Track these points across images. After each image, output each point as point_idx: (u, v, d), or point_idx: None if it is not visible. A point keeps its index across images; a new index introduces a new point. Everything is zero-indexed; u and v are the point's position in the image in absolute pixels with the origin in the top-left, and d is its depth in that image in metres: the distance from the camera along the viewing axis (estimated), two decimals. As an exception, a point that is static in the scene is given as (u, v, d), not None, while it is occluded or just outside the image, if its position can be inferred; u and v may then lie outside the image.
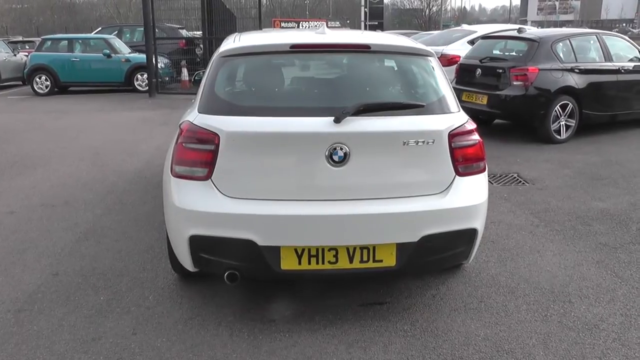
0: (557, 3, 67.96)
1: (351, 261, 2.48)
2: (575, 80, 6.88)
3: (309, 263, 2.46)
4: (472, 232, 2.64)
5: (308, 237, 2.43)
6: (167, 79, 12.18)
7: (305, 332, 2.59)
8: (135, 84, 12.11)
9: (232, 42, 2.83)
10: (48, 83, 12.11)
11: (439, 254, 2.61)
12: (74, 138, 7.57)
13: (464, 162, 2.62)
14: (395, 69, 2.77)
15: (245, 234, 2.40)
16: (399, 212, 2.47)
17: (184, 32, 14.76)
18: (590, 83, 6.99)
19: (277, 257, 2.44)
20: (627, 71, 7.36)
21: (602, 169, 5.76)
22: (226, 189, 2.46)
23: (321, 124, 2.43)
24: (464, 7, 70.89)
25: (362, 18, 57.76)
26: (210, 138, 2.44)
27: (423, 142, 2.51)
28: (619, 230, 4.03)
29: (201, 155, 2.47)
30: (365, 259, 2.49)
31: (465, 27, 10.94)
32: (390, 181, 2.52)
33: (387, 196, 2.51)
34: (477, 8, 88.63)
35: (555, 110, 6.82)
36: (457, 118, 2.67)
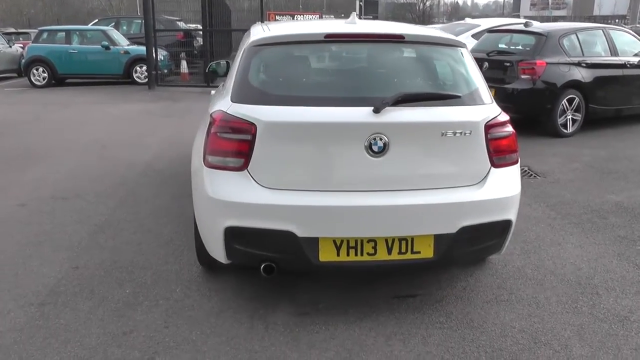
0: (549, -1, 68.16)
1: (389, 252, 2.46)
2: (582, 75, 6.89)
3: (348, 255, 2.43)
4: (507, 224, 2.63)
5: (348, 228, 2.40)
6: (165, 71, 12.03)
7: (342, 325, 2.56)
8: (134, 76, 11.95)
9: (263, 32, 2.77)
10: (45, 75, 11.92)
11: (475, 246, 2.59)
12: (77, 130, 7.47)
13: (499, 153, 2.60)
14: (429, 59, 2.74)
15: (284, 225, 2.36)
16: (438, 204, 2.45)
17: (181, 25, 14.61)
18: (597, 77, 7.01)
19: (315, 248, 2.41)
20: (633, 66, 7.39)
21: (610, 163, 5.78)
22: (263, 179, 2.42)
23: (361, 114, 2.39)
24: (457, 2, 70.86)
25: (357, 11, 57.68)
26: (246, 128, 2.40)
27: (461, 133, 2.48)
28: (636, 223, 4.04)
29: (237, 145, 2.42)
30: (403, 250, 2.46)
31: (468, 20, 10.93)
32: (427, 172, 2.49)
33: (425, 187, 2.49)
34: (469, 3, 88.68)
35: (562, 104, 6.84)
36: (492, 109, 2.65)
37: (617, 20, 43.66)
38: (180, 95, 10.86)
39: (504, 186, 2.60)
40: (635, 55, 7.58)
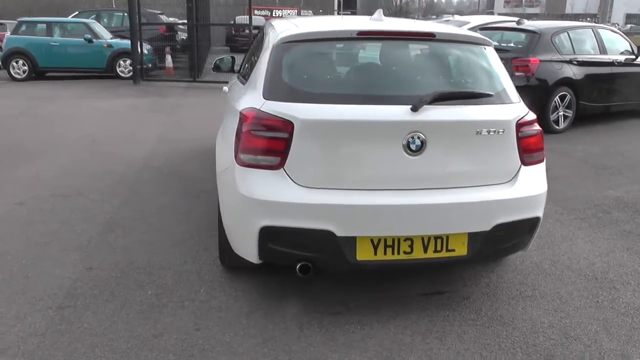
0: (523, -4, 69.25)
1: (425, 251, 2.45)
2: (574, 72, 7.03)
3: (385, 253, 2.42)
4: (536, 221, 2.66)
5: (386, 227, 2.38)
6: (149, 65, 11.77)
7: (376, 324, 2.55)
8: (118, 70, 11.66)
9: (292, 28, 2.72)
10: (25, 68, 11.51)
11: (506, 243, 2.61)
12: (65, 125, 7.26)
13: (528, 151, 2.62)
14: (459, 57, 2.74)
15: (323, 225, 2.33)
16: (473, 202, 2.45)
17: (163, 18, 14.34)
18: (587, 75, 7.16)
19: (353, 247, 2.39)
20: (620, 64, 7.57)
21: (604, 158, 5.91)
22: (299, 178, 2.38)
23: (399, 112, 2.38)
24: None
25: (336, 7, 57.50)
26: (283, 126, 2.36)
27: (494, 131, 2.49)
28: (639, 217, 4.15)
29: (273, 143, 2.38)
30: (438, 248, 2.46)
31: (457, 17, 11.00)
32: (462, 170, 2.50)
33: (459, 185, 2.49)
34: (443, 0, 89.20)
35: (555, 101, 6.96)
36: (521, 108, 2.67)
37: (588, 19, 44.69)
38: (166, 90, 10.66)
39: (533, 184, 2.62)
40: (622, 53, 7.77)
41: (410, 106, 2.37)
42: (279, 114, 2.38)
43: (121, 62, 11.62)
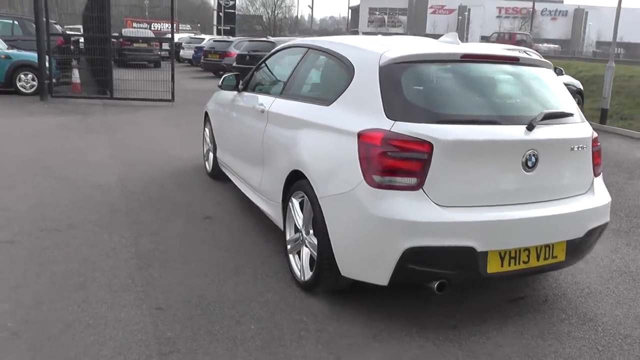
0: (386, 17, 74.66)
1: (538, 259, 2.66)
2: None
3: (509, 265, 2.58)
4: (606, 224, 3.01)
5: (516, 239, 2.55)
6: (54, 80, 10.61)
7: (494, 332, 2.67)
8: (18, 85, 10.33)
9: (390, 48, 2.77)
10: None
11: (590, 246, 2.92)
12: (-8, 149, 6.31)
13: (597, 164, 2.98)
14: (538, 79, 3.00)
15: (466, 241, 2.42)
16: (573, 212, 2.72)
17: (58, 28, 13.05)
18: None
19: (484, 261, 2.50)
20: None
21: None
22: (437, 197, 2.45)
23: (519, 131, 2.57)
24: (296, 16, 73.17)
25: (215, 22, 56.51)
26: (421, 147, 2.41)
27: (581, 147, 2.80)
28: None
29: (412, 164, 2.42)
30: (547, 256, 2.68)
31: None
32: (560, 183, 2.76)
33: (558, 197, 2.75)
34: (306, 17, 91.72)
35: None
36: (588, 126, 3.01)
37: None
38: (84, 108, 9.73)
39: (604, 192, 2.99)
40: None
41: (526, 125, 2.58)
42: (417, 135, 2.42)
43: (22, 75, 10.31)
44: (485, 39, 48.04)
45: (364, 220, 2.50)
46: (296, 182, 3.08)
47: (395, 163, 2.43)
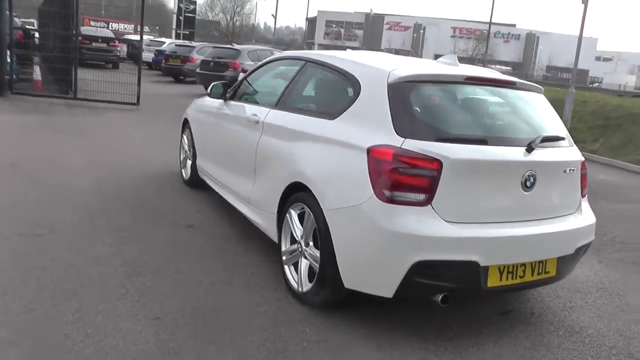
0: (342, 30, 75.73)
1: (532, 274, 2.79)
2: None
3: (507, 279, 2.69)
4: (591, 243, 3.19)
5: (513, 255, 2.68)
6: (14, 77, 10.13)
7: (491, 344, 2.78)
8: (-32, 81, 9.78)
9: (400, 66, 2.85)
10: None
11: (576, 262, 3.09)
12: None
13: (584, 186, 3.17)
14: (530, 103, 3.16)
15: (471, 256, 2.52)
16: (565, 230, 2.88)
17: (17, 21, 12.50)
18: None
19: (485, 275, 2.61)
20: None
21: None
22: (445, 213, 2.53)
23: (519, 153, 2.71)
24: (253, 24, 73.04)
25: (174, 25, 55.59)
26: (431, 164, 2.49)
27: (572, 169, 2.98)
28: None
29: (422, 180, 2.50)
30: (540, 271, 2.82)
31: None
32: (553, 203, 2.92)
33: (551, 216, 2.90)
34: (262, 26, 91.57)
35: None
36: (577, 150, 3.20)
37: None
38: (47, 108, 9.35)
39: (590, 213, 3.18)
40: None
41: (525, 147, 2.72)
42: (427, 153, 2.51)
43: (-29, 71, 9.76)
44: (439, 57, 49.66)
45: (373, 233, 2.55)
46: (294, 194, 3.10)
47: (406, 179, 2.50)
